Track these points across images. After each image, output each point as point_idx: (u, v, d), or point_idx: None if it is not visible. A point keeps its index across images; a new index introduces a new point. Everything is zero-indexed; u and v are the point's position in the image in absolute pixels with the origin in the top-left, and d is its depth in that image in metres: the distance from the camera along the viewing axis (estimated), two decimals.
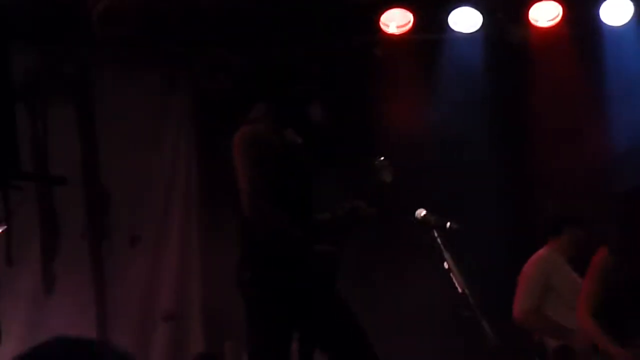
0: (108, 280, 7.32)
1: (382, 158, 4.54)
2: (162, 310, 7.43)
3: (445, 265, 4.66)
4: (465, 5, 7.18)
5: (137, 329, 7.33)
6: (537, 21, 7.27)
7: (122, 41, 6.84)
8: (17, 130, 6.49)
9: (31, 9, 6.77)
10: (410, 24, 7.21)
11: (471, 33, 7.31)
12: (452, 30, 7.27)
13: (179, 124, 7.70)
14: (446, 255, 4.67)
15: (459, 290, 4.61)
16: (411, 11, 7.18)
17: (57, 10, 6.89)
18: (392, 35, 7.26)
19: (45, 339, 5.46)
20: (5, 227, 6.23)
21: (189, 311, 7.57)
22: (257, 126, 4.30)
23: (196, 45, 7.26)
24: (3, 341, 6.31)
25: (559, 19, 7.24)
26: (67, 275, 7.10)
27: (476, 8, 7.23)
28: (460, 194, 7.08)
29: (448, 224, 4.73)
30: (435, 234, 4.72)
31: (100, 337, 6.93)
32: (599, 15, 7.21)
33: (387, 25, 7.23)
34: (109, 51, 7.03)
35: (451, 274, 4.64)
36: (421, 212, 4.79)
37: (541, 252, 5.87)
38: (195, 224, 7.66)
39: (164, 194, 7.61)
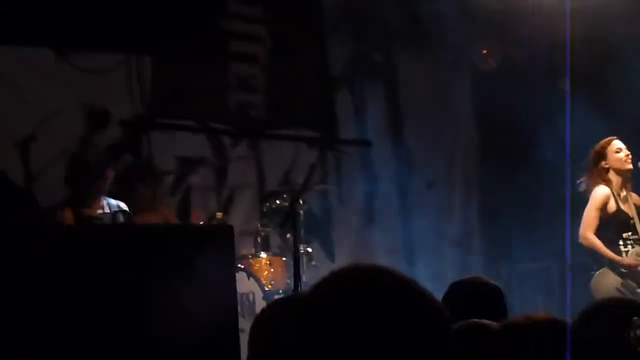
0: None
1: None
2: (450, 236, 9.22)
3: None
4: None
5: (433, 250, 8.94)
6: None
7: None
8: (336, 108, 8.37)
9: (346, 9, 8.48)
10: None
11: None
12: None
13: (461, 92, 9.43)
14: None
15: None
16: None
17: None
18: None
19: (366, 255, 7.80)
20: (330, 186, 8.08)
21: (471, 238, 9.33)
22: None
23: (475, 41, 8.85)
24: (337, 259, 8.44)
25: None
26: (381, 210, 8.84)
27: None
28: None
29: None
30: None
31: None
32: None
33: None
34: (405, 41, 8.82)
35: None
36: None
37: None
38: (475, 169, 9.36)
39: (451, 148, 9.38)
